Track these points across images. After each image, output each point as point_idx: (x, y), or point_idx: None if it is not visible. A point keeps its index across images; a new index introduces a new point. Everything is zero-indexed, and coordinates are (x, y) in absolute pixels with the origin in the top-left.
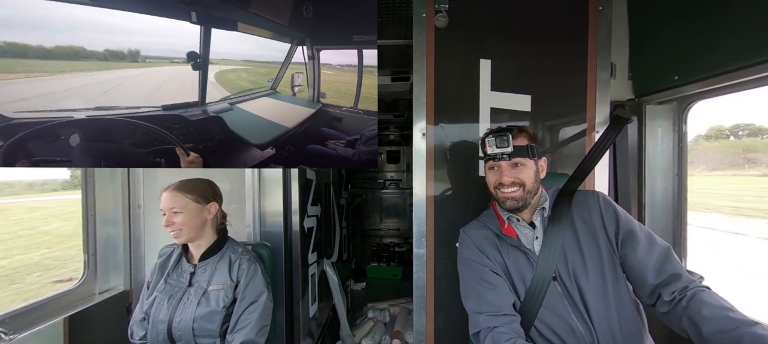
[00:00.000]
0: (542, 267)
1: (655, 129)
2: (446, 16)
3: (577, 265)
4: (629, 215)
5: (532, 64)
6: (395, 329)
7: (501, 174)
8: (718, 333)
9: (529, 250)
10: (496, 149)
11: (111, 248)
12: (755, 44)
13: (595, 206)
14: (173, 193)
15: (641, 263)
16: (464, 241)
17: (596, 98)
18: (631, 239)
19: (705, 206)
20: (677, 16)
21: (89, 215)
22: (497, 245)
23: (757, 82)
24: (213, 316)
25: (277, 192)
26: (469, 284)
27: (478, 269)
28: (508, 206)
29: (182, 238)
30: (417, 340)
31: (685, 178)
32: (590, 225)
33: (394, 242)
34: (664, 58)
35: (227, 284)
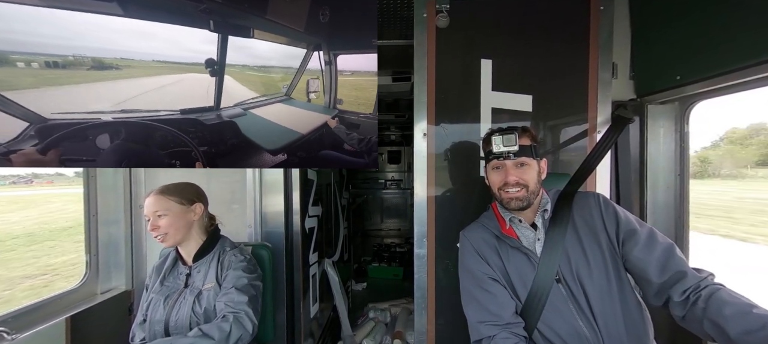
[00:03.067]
0: (544, 268)
1: (657, 129)
2: (447, 17)
3: (580, 266)
4: (629, 214)
5: (533, 64)
6: (396, 329)
7: (506, 174)
8: (747, 333)
9: (530, 251)
10: (503, 147)
11: (113, 248)
12: (757, 44)
13: (595, 206)
14: (156, 197)
15: (643, 261)
16: (464, 246)
17: (597, 98)
18: (631, 237)
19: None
20: (679, 15)
21: (91, 215)
22: (497, 248)
23: (759, 82)
24: (208, 315)
25: (278, 193)
26: (469, 292)
27: (478, 277)
28: (513, 206)
29: (169, 241)
30: (418, 341)
31: (687, 178)
32: (591, 226)
33: (395, 243)
34: (666, 57)
35: (216, 283)
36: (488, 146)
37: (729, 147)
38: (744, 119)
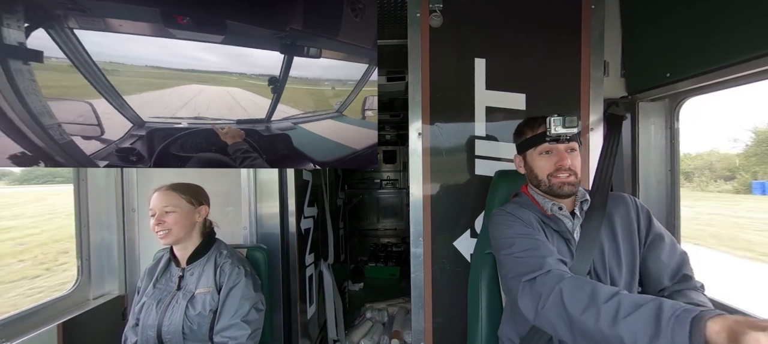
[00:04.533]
0: (581, 256)
1: (648, 126)
2: (441, 16)
3: (612, 259)
4: (656, 220)
5: (526, 63)
6: (394, 329)
7: (560, 158)
8: None
9: (571, 236)
10: (563, 129)
11: (105, 253)
12: (744, 41)
13: (632, 206)
14: (167, 192)
15: (663, 264)
16: (503, 217)
17: (590, 96)
18: (659, 242)
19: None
20: (668, 13)
21: (82, 220)
22: (542, 227)
23: (747, 78)
24: (201, 320)
25: (273, 194)
26: (521, 241)
27: (529, 232)
28: (565, 191)
29: (170, 238)
30: (415, 340)
31: (678, 173)
32: (628, 224)
33: (392, 242)
34: (656, 56)
35: (212, 287)
36: (535, 129)
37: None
38: (733, 116)
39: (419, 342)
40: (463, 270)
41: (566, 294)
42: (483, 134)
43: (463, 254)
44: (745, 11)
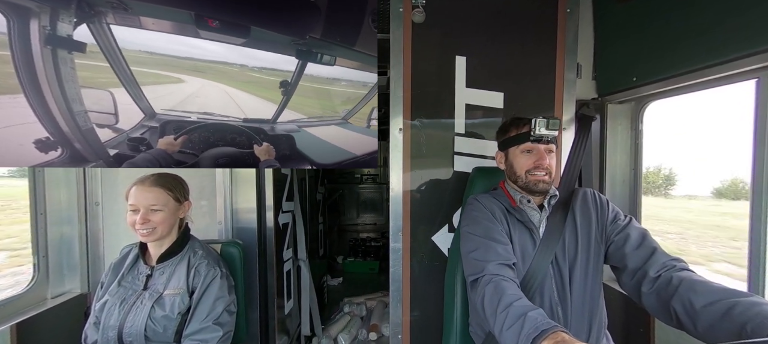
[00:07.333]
0: (544, 247)
1: (616, 127)
2: (423, 12)
3: (573, 252)
4: (616, 208)
5: (506, 63)
6: (372, 322)
7: (540, 157)
8: (711, 303)
9: (534, 228)
10: (546, 131)
11: (65, 249)
12: (704, 49)
13: (592, 200)
14: (153, 189)
15: (625, 245)
16: (473, 206)
17: (563, 96)
18: (615, 220)
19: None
20: (636, 20)
21: (38, 214)
22: (506, 217)
23: (706, 84)
24: (167, 322)
25: (250, 187)
26: (475, 239)
27: (489, 227)
28: (540, 188)
29: (153, 237)
30: (393, 332)
31: (641, 172)
32: (588, 217)
33: (371, 237)
34: (624, 60)
35: (183, 289)
36: (520, 128)
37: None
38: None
39: (397, 335)
40: (440, 264)
41: (486, 299)
42: (462, 131)
43: (441, 248)
44: (703, 21)
